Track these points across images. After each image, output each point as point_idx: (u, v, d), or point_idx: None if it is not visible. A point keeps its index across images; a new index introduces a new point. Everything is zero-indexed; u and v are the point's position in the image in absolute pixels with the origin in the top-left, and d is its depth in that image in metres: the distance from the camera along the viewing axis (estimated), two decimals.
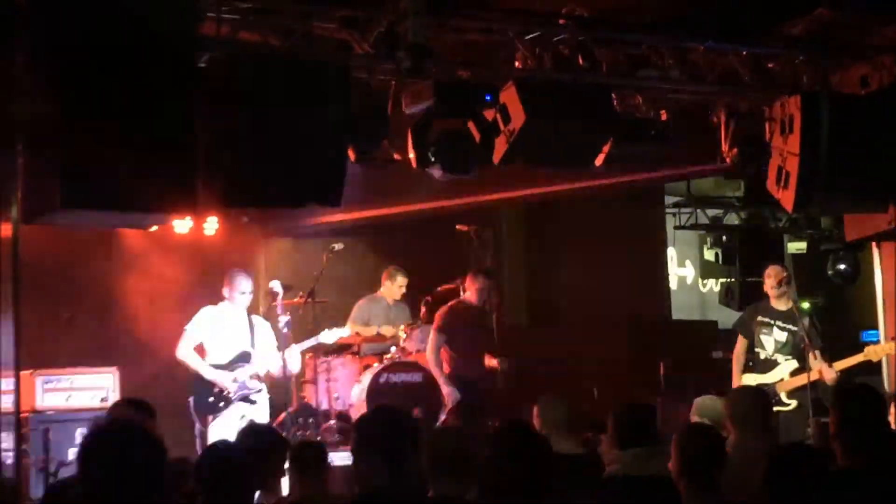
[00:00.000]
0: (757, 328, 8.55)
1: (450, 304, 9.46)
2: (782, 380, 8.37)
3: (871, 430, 4.66)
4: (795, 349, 8.41)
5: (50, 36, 5.29)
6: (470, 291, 9.33)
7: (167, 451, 3.35)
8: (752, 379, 8.41)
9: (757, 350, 8.56)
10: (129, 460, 3.25)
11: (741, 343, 8.66)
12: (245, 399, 8.48)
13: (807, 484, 4.09)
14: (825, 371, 8.13)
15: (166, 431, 4.50)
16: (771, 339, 8.51)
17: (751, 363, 8.59)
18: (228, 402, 8.41)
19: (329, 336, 9.21)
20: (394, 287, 10.18)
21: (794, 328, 8.39)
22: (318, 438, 8.70)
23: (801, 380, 8.20)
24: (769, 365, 8.48)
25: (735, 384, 8.43)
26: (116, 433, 3.42)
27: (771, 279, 8.51)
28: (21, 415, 6.44)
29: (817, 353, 8.22)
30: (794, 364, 8.39)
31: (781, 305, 8.53)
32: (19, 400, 5.84)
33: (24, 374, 6.87)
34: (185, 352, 8.49)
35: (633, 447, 5.29)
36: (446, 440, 4.69)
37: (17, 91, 5.35)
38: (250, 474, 4.32)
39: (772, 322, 8.51)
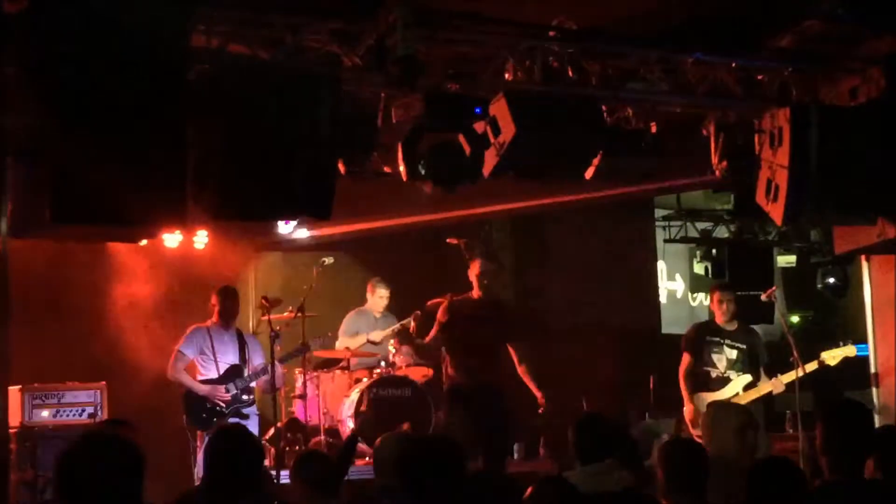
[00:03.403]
0: (706, 347, 8.68)
1: (447, 298, 8.87)
2: (737, 394, 8.49)
3: (859, 444, 4.66)
4: (746, 365, 8.64)
5: (39, 49, 5.27)
6: (472, 281, 8.79)
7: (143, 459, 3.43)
8: (707, 397, 8.47)
9: (707, 369, 8.69)
10: (107, 467, 3.32)
11: (689, 362, 8.74)
12: (237, 414, 8.45)
13: (788, 498, 4.13)
14: (775, 384, 8.46)
15: (155, 446, 4.47)
16: (723, 357, 8.66)
17: (703, 381, 8.64)
18: (221, 417, 8.38)
19: (316, 344, 9.24)
20: (375, 298, 10.28)
21: (743, 346, 8.65)
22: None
23: (755, 394, 8.52)
24: (721, 382, 8.65)
25: (687, 406, 8.55)
26: (93, 443, 3.47)
27: (722, 304, 8.72)
28: (9, 430, 6.40)
29: (761, 368, 8.63)
30: (746, 378, 8.63)
31: (728, 326, 8.74)
32: (7, 416, 5.80)
33: (11, 389, 6.82)
34: (176, 373, 8.50)
35: (594, 462, 5.23)
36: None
37: (7, 104, 5.32)
38: None
39: (721, 341, 8.65)
